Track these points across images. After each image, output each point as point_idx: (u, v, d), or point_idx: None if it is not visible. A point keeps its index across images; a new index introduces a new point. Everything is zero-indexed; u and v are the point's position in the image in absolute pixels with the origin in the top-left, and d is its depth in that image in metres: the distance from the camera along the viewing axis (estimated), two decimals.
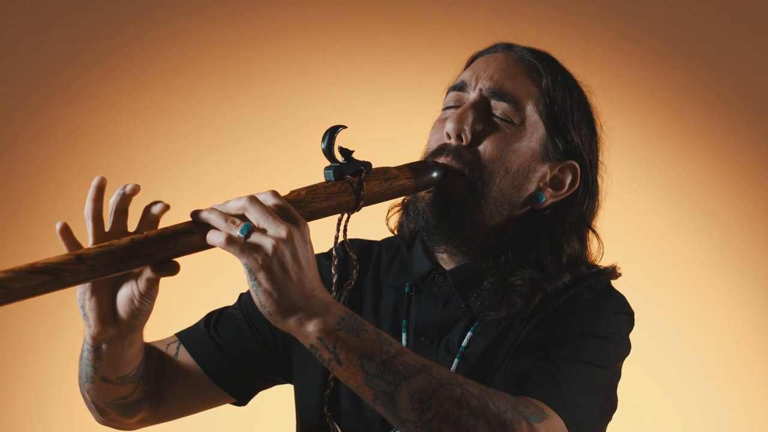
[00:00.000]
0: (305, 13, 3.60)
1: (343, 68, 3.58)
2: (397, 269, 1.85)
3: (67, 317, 3.39)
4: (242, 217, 1.45)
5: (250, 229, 1.43)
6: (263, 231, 1.43)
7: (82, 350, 1.66)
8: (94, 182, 1.50)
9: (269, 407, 2.64)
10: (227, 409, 2.00)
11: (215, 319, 1.89)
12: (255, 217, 1.45)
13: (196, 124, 3.57)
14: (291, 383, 1.90)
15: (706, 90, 3.58)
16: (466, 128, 1.74)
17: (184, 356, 1.85)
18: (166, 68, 3.57)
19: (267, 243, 1.42)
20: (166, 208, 1.51)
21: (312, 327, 1.46)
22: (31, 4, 3.53)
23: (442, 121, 1.80)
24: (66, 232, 1.47)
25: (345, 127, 1.62)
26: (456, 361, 1.72)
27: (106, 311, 1.53)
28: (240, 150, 3.56)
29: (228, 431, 3.31)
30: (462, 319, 1.75)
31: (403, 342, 1.77)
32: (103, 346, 1.60)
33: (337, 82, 3.57)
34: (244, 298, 1.90)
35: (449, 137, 1.75)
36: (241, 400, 1.90)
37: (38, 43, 3.53)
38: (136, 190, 1.51)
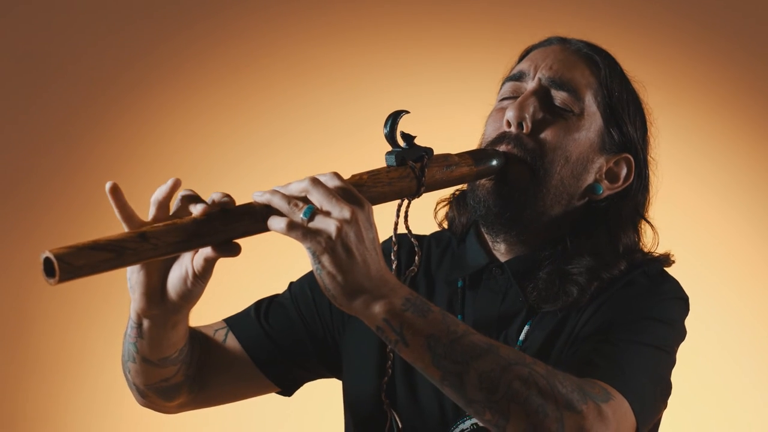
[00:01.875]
0: (374, 13, 3.61)
1: (410, 68, 3.59)
2: (449, 263, 1.83)
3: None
4: (304, 199, 1.44)
5: (313, 211, 1.41)
6: (326, 213, 1.42)
7: (126, 327, 1.64)
8: (172, 180, 1.48)
9: (317, 401, 2.62)
10: (274, 401, 1.98)
11: (265, 307, 1.87)
12: (318, 199, 1.43)
13: (263, 122, 3.57)
14: (337, 378, 1.88)
15: (753, 74, 3.57)
16: (527, 116, 1.74)
17: (232, 343, 1.84)
18: (235, 66, 3.58)
19: (331, 225, 1.40)
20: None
21: (378, 308, 1.44)
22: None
23: (500, 110, 1.80)
24: (115, 193, 1.45)
25: (407, 112, 1.61)
26: None
27: (154, 287, 1.52)
28: (307, 148, 3.56)
29: (275, 424, 3.30)
30: (520, 312, 1.74)
31: None
32: (145, 323, 1.58)
33: (403, 82, 3.58)
34: (295, 288, 1.89)
35: (509, 125, 1.75)
36: (287, 390, 1.89)
37: (110, 39, 3.54)
38: (177, 184, 1.49)
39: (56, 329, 3.46)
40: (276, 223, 1.42)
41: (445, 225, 1.90)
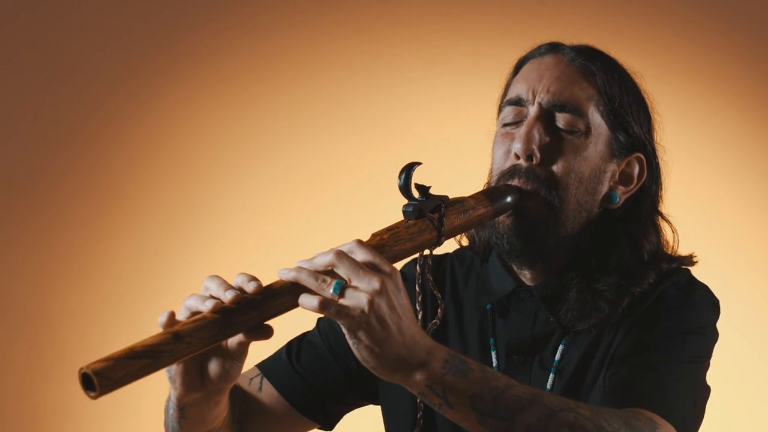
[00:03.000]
0: (385, 7, 3.58)
1: (428, 61, 3.56)
2: (475, 285, 1.84)
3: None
4: (331, 273, 1.44)
5: (342, 286, 1.42)
6: (355, 288, 1.42)
7: (168, 406, 1.66)
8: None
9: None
10: None
11: (296, 348, 1.88)
12: (345, 272, 1.43)
13: (276, 119, 3.56)
14: (376, 404, 1.90)
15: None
16: (534, 147, 1.72)
17: (267, 390, 1.85)
18: (246, 64, 3.56)
19: (362, 299, 1.41)
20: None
21: (419, 376, 1.45)
22: None
23: (505, 136, 1.78)
24: (171, 319, 1.45)
25: (420, 163, 1.60)
26: (551, 376, 1.74)
27: (192, 375, 1.52)
28: (319, 145, 3.55)
29: None
30: (553, 334, 1.75)
31: (493, 361, 1.78)
32: (188, 407, 1.60)
33: (420, 76, 3.56)
34: (323, 324, 1.90)
35: (518, 158, 1.74)
36: (327, 425, 1.91)
37: (122, 38, 3.52)
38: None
39: (75, 325, 3.48)
40: (308, 301, 1.42)
41: (464, 242, 1.90)
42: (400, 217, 1.61)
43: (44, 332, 3.50)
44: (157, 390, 1.81)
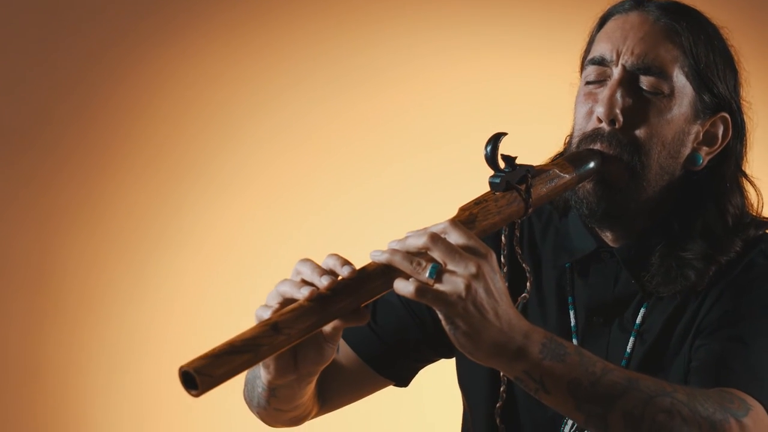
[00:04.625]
0: None
1: (427, 11, 3.50)
2: (553, 242, 1.82)
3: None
4: (425, 256, 1.42)
5: (438, 270, 1.40)
6: (452, 272, 1.40)
7: (255, 382, 1.67)
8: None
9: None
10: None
11: (372, 308, 1.87)
12: (440, 255, 1.41)
13: (284, 68, 3.51)
14: (450, 358, 1.90)
15: None
16: (617, 111, 1.69)
17: (344, 351, 1.85)
18: (253, 12, 3.50)
19: (459, 284, 1.39)
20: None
21: (516, 363, 1.45)
22: None
23: (587, 96, 1.75)
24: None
25: (506, 134, 1.57)
26: (632, 339, 1.73)
27: (287, 360, 1.52)
28: (326, 95, 3.51)
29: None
30: (634, 297, 1.74)
31: (571, 320, 1.77)
32: (278, 389, 1.61)
33: (432, 26, 3.50)
34: None
35: (600, 121, 1.71)
36: (402, 383, 1.91)
37: None
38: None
39: (79, 274, 3.50)
40: (403, 287, 1.40)
41: None
42: (399, 168, 1.59)
43: (48, 281, 3.51)
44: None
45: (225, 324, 3.47)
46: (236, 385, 1.61)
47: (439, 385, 2.60)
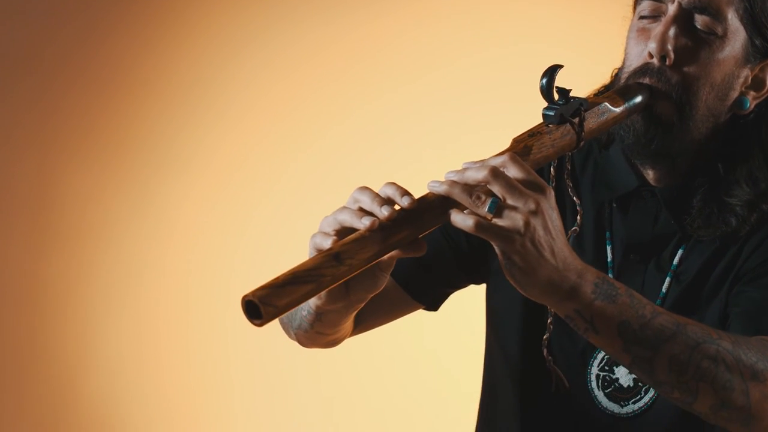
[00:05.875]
0: None
1: None
2: (593, 175, 1.81)
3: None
4: (484, 188, 1.42)
5: (498, 204, 1.40)
6: (512, 207, 1.40)
7: (300, 306, 1.64)
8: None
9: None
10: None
11: None
12: (500, 190, 1.40)
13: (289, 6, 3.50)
14: (479, 284, 1.90)
15: None
16: (669, 48, 1.68)
17: None
18: None
19: (519, 221, 1.39)
20: None
21: (569, 300, 1.45)
22: None
23: (641, 32, 1.73)
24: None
25: (562, 66, 1.56)
26: (668, 279, 1.73)
27: (340, 287, 1.51)
28: (330, 38, 3.49)
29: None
30: (673, 238, 1.74)
31: (608, 255, 1.77)
32: (326, 314, 1.60)
33: None
34: None
35: (651, 56, 1.70)
36: (433, 307, 1.92)
37: None
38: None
39: (79, 202, 3.49)
40: (461, 219, 1.40)
41: None
42: (386, 98, 1.58)
43: (48, 211, 3.50)
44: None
45: (223, 253, 3.47)
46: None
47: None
